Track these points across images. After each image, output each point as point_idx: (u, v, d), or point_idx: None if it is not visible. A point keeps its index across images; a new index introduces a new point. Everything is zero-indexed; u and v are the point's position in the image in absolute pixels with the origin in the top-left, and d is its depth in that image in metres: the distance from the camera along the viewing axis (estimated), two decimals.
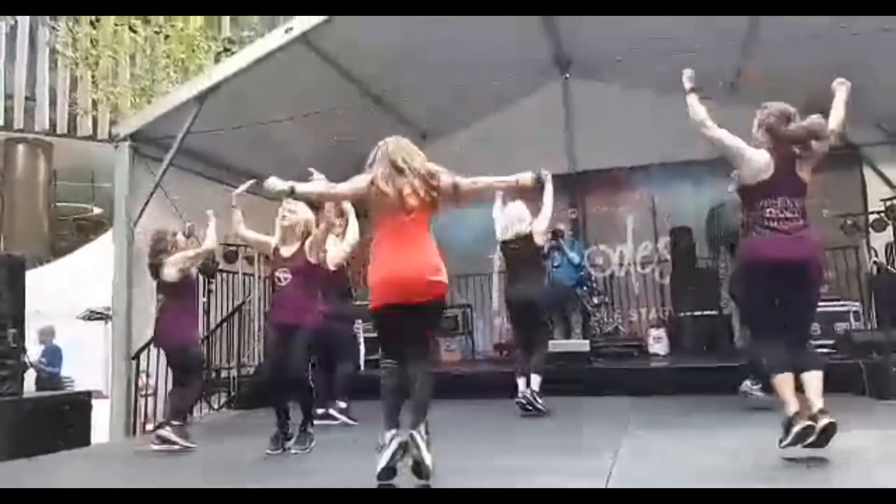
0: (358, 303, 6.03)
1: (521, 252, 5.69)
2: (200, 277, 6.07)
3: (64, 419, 6.01)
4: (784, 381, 3.35)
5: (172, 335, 5.11)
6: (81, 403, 6.34)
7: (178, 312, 5.12)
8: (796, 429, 3.23)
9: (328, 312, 5.18)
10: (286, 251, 4.63)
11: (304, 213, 4.66)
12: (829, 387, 3.39)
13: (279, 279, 4.60)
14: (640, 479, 3.30)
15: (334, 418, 5.55)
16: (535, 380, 5.46)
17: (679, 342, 8.33)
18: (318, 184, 3.67)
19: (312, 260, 4.60)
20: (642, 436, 4.43)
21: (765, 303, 3.54)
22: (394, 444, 3.14)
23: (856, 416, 4.16)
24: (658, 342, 8.28)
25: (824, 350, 6.57)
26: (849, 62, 6.36)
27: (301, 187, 3.43)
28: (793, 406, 3.29)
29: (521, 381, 5.51)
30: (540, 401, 5.39)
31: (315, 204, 4.59)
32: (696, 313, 8.20)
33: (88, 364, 9.75)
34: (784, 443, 3.29)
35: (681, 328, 8.42)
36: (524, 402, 5.40)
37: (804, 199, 3.52)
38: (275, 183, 3.33)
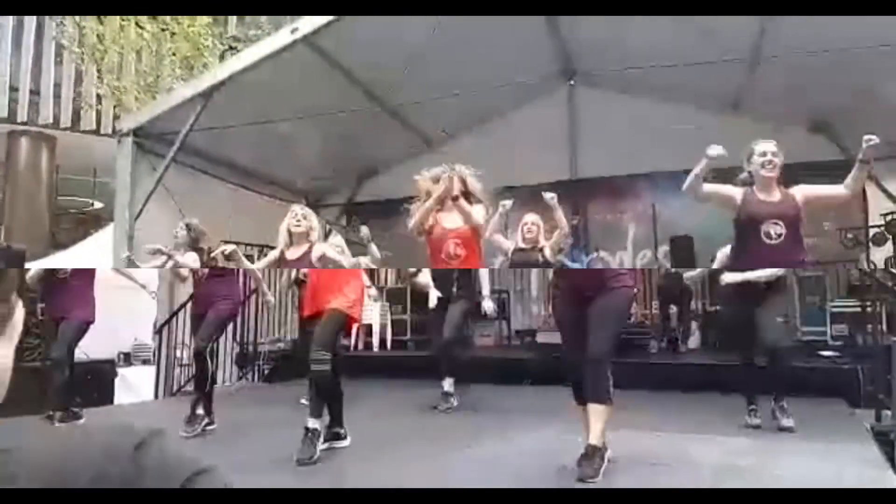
0: None
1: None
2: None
3: None
4: None
5: None
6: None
7: None
8: None
9: None
10: (292, 254, 4.80)
11: (313, 220, 4.92)
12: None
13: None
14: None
15: None
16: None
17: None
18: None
19: (317, 263, 4.72)
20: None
21: None
22: None
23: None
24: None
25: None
26: (852, 77, 6.41)
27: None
28: None
29: None
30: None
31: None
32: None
33: None
34: None
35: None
36: None
37: None
38: None
